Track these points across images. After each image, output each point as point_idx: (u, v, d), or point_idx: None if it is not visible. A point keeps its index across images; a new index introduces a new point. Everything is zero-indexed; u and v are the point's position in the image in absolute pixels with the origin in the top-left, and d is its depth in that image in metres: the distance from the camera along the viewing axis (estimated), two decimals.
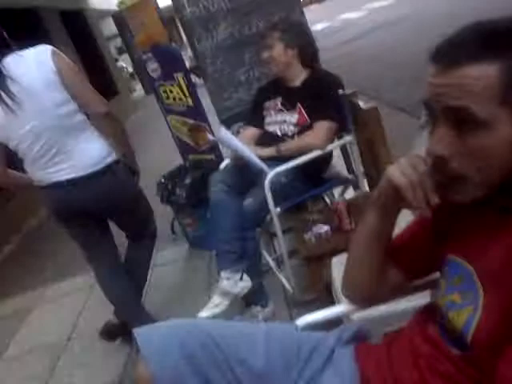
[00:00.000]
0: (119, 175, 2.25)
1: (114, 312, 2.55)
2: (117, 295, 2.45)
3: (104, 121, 2.15)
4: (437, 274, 1.04)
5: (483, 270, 0.87)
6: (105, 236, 2.44)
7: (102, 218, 2.40)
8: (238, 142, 2.35)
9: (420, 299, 1.12)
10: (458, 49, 0.78)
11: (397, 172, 0.91)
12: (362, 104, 2.20)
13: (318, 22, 18.31)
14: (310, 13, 25.44)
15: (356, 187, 2.62)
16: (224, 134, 2.36)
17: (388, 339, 1.10)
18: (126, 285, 2.46)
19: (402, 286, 1.14)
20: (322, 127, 2.37)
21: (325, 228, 2.21)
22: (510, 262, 0.81)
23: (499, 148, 0.77)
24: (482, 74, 0.75)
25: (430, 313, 1.02)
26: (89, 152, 2.14)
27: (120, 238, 2.55)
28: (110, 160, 2.19)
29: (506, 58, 0.75)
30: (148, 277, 2.66)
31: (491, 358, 0.78)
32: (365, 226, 1.07)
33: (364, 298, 1.16)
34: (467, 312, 0.87)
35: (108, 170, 2.18)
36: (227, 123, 3.18)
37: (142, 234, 2.54)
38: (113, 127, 2.21)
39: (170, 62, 3.28)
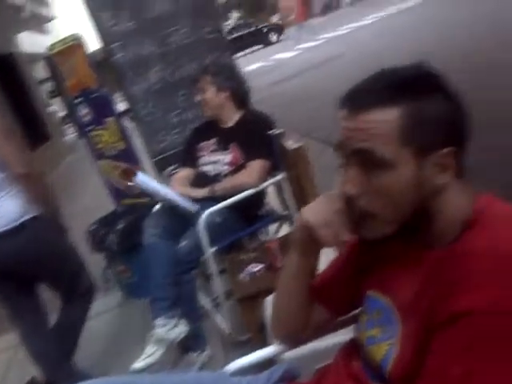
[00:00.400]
0: (37, 233, 2.18)
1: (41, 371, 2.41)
2: (42, 357, 2.33)
3: (22, 182, 2.09)
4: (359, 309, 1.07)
5: (398, 302, 0.91)
6: (28, 296, 2.34)
7: (25, 278, 2.30)
8: (157, 185, 2.35)
9: (348, 334, 1.14)
10: (364, 95, 0.84)
11: (310, 212, 0.95)
12: (291, 143, 2.27)
13: (250, 62, 18.88)
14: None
15: (292, 223, 2.67)
16: (141, 178, 2.34)
17: (317, 376, 1.11)
18: (53, 347, 2.34)
19: (329, 323, 1.16)
20: (255, 166, 2.41)
21: (259, 266, 2.22)
22: (420, 294, 0.85)
23: (402, 186, 0.82)
24: (385, 118, 0.81)
25: (353, 347, 1.04)
26: (2, 210, 2.08)
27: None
28: (25, 218, 2.12)
29: (406, 104, 0.81)
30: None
31: None
32: (287, 266, 1.10)
33: (292, 336, 1.17)
34: (386, 346, 0.90)
35: (23, 228, 2.11)
36: (161, 165, 3.18)
37: (73, 292, 2.43)
38: (31, 189, 2.13)
39: (101, 106, 3.26)
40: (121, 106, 3.42)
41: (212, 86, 2.51)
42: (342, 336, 1.15)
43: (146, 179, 2.37)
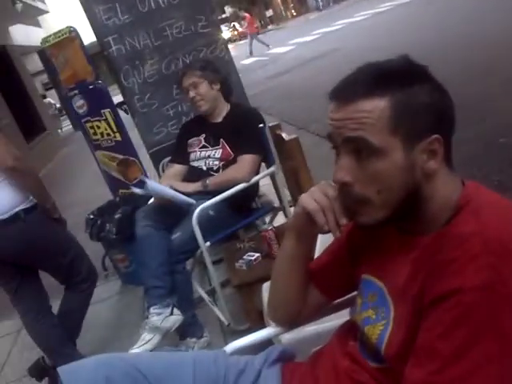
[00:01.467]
0: (31, 223, 2.23)
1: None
2: (45, 341, 2.39)
3: (12, 175, 2.15)
4: (354, 293, 1.12)
5: (392, 286, 0.95)
6: (29, 281, 2.39)
7: (25, 265, 2.35)
8: (166, 189, 2.37)
9: (344, 317, 1.18)
10: (352, 87, 0.88)
11: (308, 199, 0.99)
12: (285, 135, 2.30)
13: (246, 57, 18.85)
14: (239, 47, 26.13)
15: (285, 214, 2.71)
16: (151, 186, 2.36)
17: (313, 357, 1.15)
18: (55, 332, 2.41)
19: (324, 306, 1.20)
20: (246, 160, 2.44)
21: (255, 255, 2.26)
22: (411, 277, 0.89)
23: (393, 171, 0.86)
24: (374, 107, 0.85)
25: (349, 329, 1.09)
26: None
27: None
28: (19, 209, 2.18)
29: (394, 94, 0.85)
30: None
31: (403, 368, 0.84)
32: (283, 250, 1.14)
33: (288, 319, 1.21)
34: (380, 326, 0.94)
35: (17, 218, 2.17)
36: (157, 157, 3.20)
37: (73, 280, 2.49)
38: (22, 181, 2.19)
39: (97, 98, 3.28)
40: (117, 98, 3.42)
41: (203, 79, 2.52)
42: (339, 320, 1.19)
43: (155, 186, 2.39)
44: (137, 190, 2.52)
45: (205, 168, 2.55)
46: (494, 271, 0.75)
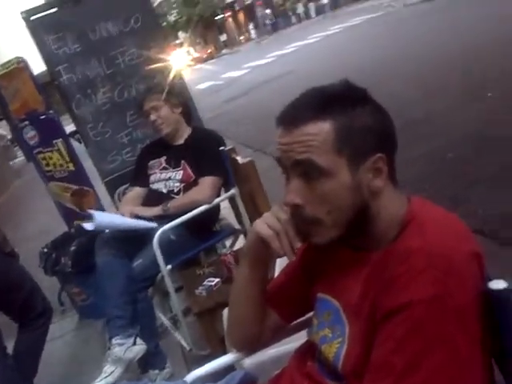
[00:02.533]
0: None
1: None
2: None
3: None
4: (312, 313, 1.12)
5: (346, 303, 0.96)
6: None
7: None
8: (118, 219, 2.34)
9: (304, 338, 1.18)
10: (298, 111, 0.91)
11: (262, 224, 1.00)
12: (240, 159, 2.32)
13: (201, 81, 18.97)
14: (194, 72, 26.32)
15: (246, 237, 2.71)
16: (99, 219, 2.32)
17: (273, 380, 1.14)
18: (11, 373, 2.28)
19: (282, 328, 1.20)
20: (207, 182, 2.44)
21: (215, 280, 2.24)
22: (364, 294, 0.90)
23: (341, 191, 0.88)
24: (319, 130, 0.88)
25: (307, 350, 1.09)
26: None
27: None
28: None
29: (337, 117, 0.88)
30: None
31: None
32: (239, 276, 1.15)
33: (247, 344, 1.20)
34: (337, 344, 0.95)
35: None
36: (112, 185, 3.16)
37: (28, 316, 2.39)
38: None
39: (48, 128, 3.24)
40: (69, 127, 3.38)
41: (164, 103, 2.53)
42: (300, 341, 1.19)
43: (104, 218, 2.36)
44: (87, 226, 2.47)
45: (165, 190, 2.53)
46: (441, 284, 0.78)
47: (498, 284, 0.81)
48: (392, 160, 0.92)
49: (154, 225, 2.35)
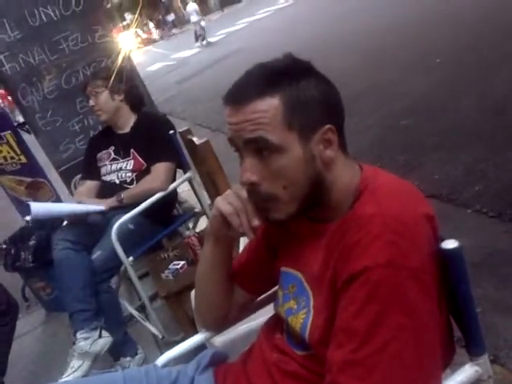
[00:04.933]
0: None
1: None
2: None
3: None
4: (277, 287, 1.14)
5: (308, 275, 0.98)
6: None
7: None
8: (57, 206, 2.29)
9: (272, 312, 1.20)
10: (244, 89, 0.90)
11: (223, 202, 1.00)
12: (196, 140, 2.29)
13: (152, 62, 18.56)
14: (144, 54, 25.71)
15: (207, 217, 2.70)
16: (36, 210, 2.27)
17: (243, 355, 1.16)
18: None
19: (249, 304, 1.22)
20: (160, 169, 2.40)
21: (181, 263, 2.24)
22: (324, 264, 0.92)
23: (295, 166, 0.89)
24: (268, 106, 0.88)
25: (275, 323, 1.11)
26: None
27: None
28: None
29: (284, 91, 0.88)
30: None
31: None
32: (203, 256, 1.15)
33: (216, 322, 1.22)
34: (302, 315, 0.97)
35: None
36: (67, 175, 3.09)
37: None
38: None
39: None
40: (19, 118, 3.26)
41: (104, 89, 2.46)
42: (268, 315, 1.21)
43: (41, 208, 2.30)
44: (27, 218, 2.41)
45: (118, 181, 2.48)
46: (396, 247, 0.80)
47: (449, 244, 0.84)
48: (341, 130, 0.93)
49: (101, 207, 2.32)
